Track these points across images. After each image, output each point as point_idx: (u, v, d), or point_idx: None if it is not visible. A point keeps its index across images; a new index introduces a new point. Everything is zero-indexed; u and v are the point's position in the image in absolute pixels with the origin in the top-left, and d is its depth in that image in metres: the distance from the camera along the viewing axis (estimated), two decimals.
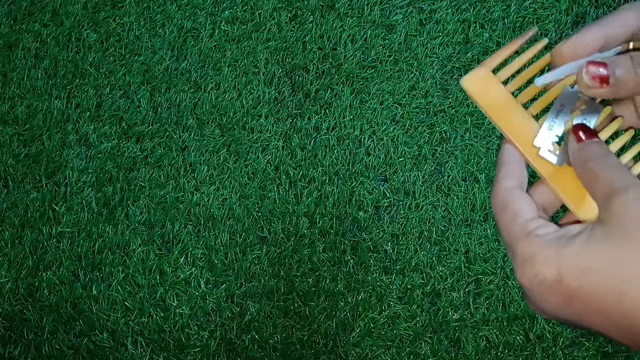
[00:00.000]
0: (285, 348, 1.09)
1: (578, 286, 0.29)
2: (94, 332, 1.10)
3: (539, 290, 0.30)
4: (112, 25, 1.32)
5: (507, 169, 0.35)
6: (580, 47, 0.33)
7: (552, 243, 0.30)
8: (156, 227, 1.16)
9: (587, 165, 0.32)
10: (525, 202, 0.33)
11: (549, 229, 0.32)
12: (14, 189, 1.19)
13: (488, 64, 0.37)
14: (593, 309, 0.29)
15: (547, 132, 0.36)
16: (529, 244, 0.31)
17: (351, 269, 1.13)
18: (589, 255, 0.29)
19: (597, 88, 0.32)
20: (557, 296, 0.30)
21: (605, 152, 0.33)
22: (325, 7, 1.32)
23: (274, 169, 1.20)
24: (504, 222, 0.33)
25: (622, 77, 0.31)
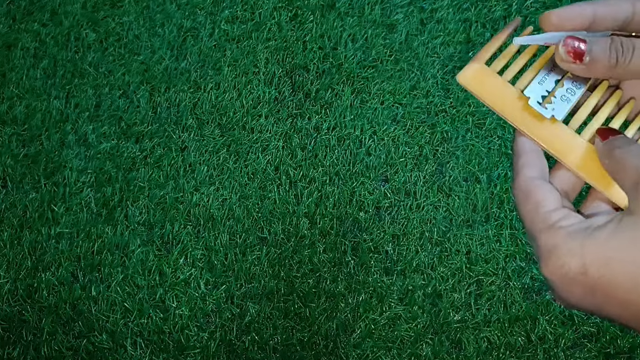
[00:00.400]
0: (285, 349, 1.09)
1: (600, 276, 0.29)
2: (93, 333, 1.09)
3: (562, 281, 0.30)
4: (112, 25, 1.31)
5: (526, 158, 0.35)
6: (568, 19, 0.33)
7: (576, 234, 0.30)
8: (155, 227, 1.16)
9: (614, 154, 0.32)
10: (548, 192, 0.33)
11: (573, 219, 0.31)
12: (12, 189, 1.19)
13: (480, 57, 0.38)
14: (613, 299, 0.29)
15: (537, 85, 0.37)
16: (552, 235, 0.31)
17: (352, 269, 1.13)
18: (613, 245, 0.29)
19: (571, 62, 0.33)
20: (580, 287, 0.30)
21: (631, 141, 0.33)
22: (325, 7, 1.31)
23: (274, 169, 1.19)
24: (527, 211, 0.33)
25: (596, 57, 0.32)
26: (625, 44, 0.32)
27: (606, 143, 0.33)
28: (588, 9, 0.33)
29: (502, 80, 0.37)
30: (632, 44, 0.32)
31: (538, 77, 0.37)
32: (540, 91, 0.36)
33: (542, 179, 0.34)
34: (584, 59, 0.32)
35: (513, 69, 0.37)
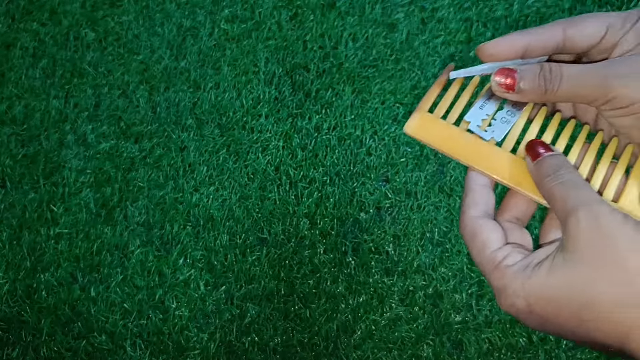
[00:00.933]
0: (285, 350, 1.08)
1: (546, 314, 0.31)
2: (93, 334, 1.09)
3: (517, 316, 0.32)
4: (111, 24, 1.31)
5: (473, 197, 0.36)
6: (501, 50, 0.35)
7: (518, 275, 0.32)
8: (155, 228, 1.15)
9: (543, 185, 0.33)
10: (491, 231, 0.34)
11: (516, 257, 0.33)
12: (11, 189, 1.18)
13: (423, 106, 0.39)
14: (562, 329, 0.31)
15: (478, 110, 0.38)
16: (499, 277, 0.32)
17: (352, 270, 1.12)
18: (550, 285, 0.31)
19: (505, 92, 0.35)
20: (533, 321, 0.32)
21: (558, 166, 0.33)
22: (326, 6, 1.31)
23: (274, 170, 1.19)
24: (475, 253, 0.34)
25: (525, 87, 0.34)
26: (554, 72, 0.34)
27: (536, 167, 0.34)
28: (520, 39, 0.35)
29: (446, 123, 0.38)
30: (560, 72, 0.34)
31: (479, 103, 0.38)
32: (481, 115, 0.38)
33: (485, 217, 0.35)
34: (516, 88, 0.35)
35: (454, 111, 0.39)
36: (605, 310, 0.29)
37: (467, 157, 0.37)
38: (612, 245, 0.29)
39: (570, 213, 0.31)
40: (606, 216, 0.30)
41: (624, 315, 0.29)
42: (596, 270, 0.29)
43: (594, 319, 0.30)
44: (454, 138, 0.38)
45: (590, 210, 0.30)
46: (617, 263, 0.29)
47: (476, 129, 0.37)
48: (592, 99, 0.33)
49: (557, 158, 0.34)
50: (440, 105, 0.39)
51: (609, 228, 0.29)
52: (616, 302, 0.29)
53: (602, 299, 0.29)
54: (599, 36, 0.35)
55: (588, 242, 0.30)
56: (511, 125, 0.37)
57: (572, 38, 0.35)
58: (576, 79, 0.33)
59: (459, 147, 0.37)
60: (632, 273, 0.29)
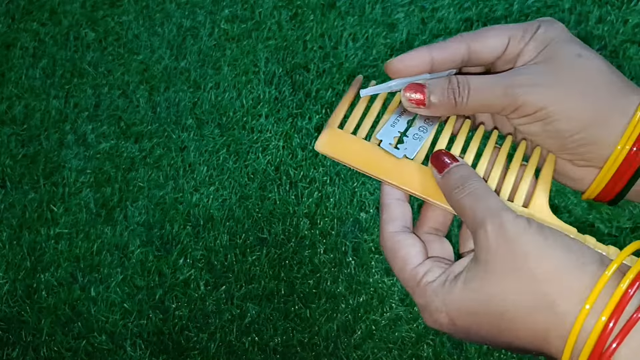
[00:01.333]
0: (285, 350, 1.08)
1: (468, 326, 0.32)
2: (93, 334, 1.09)
3: (442, 330, 0.33)
4: (111, 24, 1.31)
5: (389, 213, 0.36)
6: (408, 65, 0.36)
7: (438, 291, 0.32)
8: (155, 228, 1.15)
9: (452, 198, 0.34)
10: (410, 246, 0.34)
11: (435, 273, 0.33)
12: (11, 189, 1.18)
13: (332, 122, 0.39)
14: (486, 339, 0.32)
15: (390, 128, 0.38)
16: (421, 294, 0.33)
17: (352, 270, 1.12)
18: (467, 299, 0.31)
19: (416, 107, 0.35)
20: (458, 334, 0.33)
21: (465, 177, 0.34)
22: (326, 6, 1.31)
23: (275, 170, 1.19)
24: (397, 270, 0.34)
25: (435, 101, 0.35)
26: (462, 84, 0.34)
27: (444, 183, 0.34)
28: (425, 53, 0.36)
29: (356, 138, 0.38)
30: (467, 84, 0.34)
31: (390, 120, 0.38)
32: (393, 133, 0.37)
33: (404, 232, 0.35)
34: (426, 103, 0.35)
35: (365, 126, 0.38)
36: (520, 318, 0.30)
37: (378, 172, 0.37)
38: (518, 252, 0.30)
39: (479, 225, 0.31)
40: (510, 224, 0.30)
41: (538, 321, 0.29)
42: (506, 280, 0.30)
43: (511, 327, 0.30)
44: (365, 153, 0.37)
45: (496, 220, 0.31)
46: (524, 270, 0.29)
47: (388, 147, 0.37)
48: (500, 109, 0.34)
49: (464, 169, 0.34)
50: (349, 120, 0.39)
51: (514, 235, 0.30)
52: (529, 309, 0.30)
53: (515, 307, 0.30)
54: (502, 48, 0.35)
55: (496, 252, 0.30)
56: (423, 142, 0.37)
57: (476, 51, 0.36)
58: (483, 90, 0.34)
59: (370, 162, 0.37)
60: (540, 278, 0.29)
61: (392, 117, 0.38)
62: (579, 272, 0.29)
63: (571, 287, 0.29)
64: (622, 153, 0.33)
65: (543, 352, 0.30)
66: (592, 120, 0.33)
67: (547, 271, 0.29)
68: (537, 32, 0.35)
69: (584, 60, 0.34)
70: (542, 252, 0.29)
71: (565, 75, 0.34)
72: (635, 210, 1.13)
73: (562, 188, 1.14)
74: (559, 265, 0.29)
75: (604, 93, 0.34)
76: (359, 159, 0.37)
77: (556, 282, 0.29)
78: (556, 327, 0.29)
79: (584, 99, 0.33)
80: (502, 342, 0.32)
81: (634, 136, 0.33)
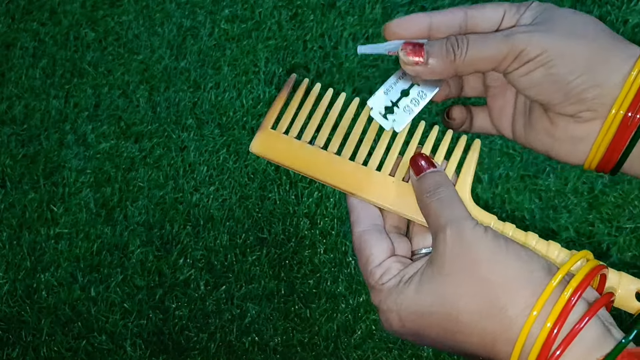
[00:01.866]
0: (285, 350, 1.08)
1: (418, 327, 0.32)
2: (93, 334, 1.09)
3: (392, 331, 0.33)
4: (111, 24, 1.31)
5: (356, 214, 0.36)
6: (406, 27, 0.36)
7: (391, 291, 0.33)
8: (155, 228, 1.15)
9: (422, 200, 0.34)
10: (374, 246, 0.35)
11: (393, 272, 0.33)
12: (11, 189, 1.18)
13: (266, 124, 0.39)
14: (436, 342, 0.32)
15: (383, 95, 0.37)
16: (376, 294, 0.33)
17: (352, 270, 1.12)
18: (419, 300, 0.32)
19: (413, 65, 0.35)
20: (408, 336, 0.33)
21: (439, 183, 0.34)
22: (326, 6, 1.31)
23: (274, 169, 1.19)
24: (361, 267, 0.35)
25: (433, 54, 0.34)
26: (460, 39, 0.34)
27: (418, 185, 0.35)
28: (424, 17, 0.36)
29: (289, 138, 0.38)
30: (466, 38, 0.34)
31: (384, 87, 0.37)
32: (385, 102, 0.37)
33: (372, 230, 0.36)
34: (424, 57, 0.34)
35: (296, 125, 0.38)
36: (470, 322, 0.30)
37: (311, 171, 0.37)
38: (472, 258, 0.30)
39: (440, 229, 0.32)
40: (469, 230, 0.31)
41: (487, 325, 0.30)
42: (459, 284, 0.30)
43: (462, 330, 0.31)
44: (298, 153, 0.37)
45: (456, 226, 0.31)
46: (477, 275, 0.30)
47: (377, 115, 0.37)
48: (501, 58, 0.34)
49: (439, 175, 0.35)
50: (282, 120, 0.39)
51: (470, 242, 0.31)
52: (479, 314, 0.30)
53: (466, 311, 0.30)
54: (498, 18, 0.36)
55: (452, 257, 0.31)
56: (414, 115, 0.37)
57: (473, 18, 0.36)
58: (482, 41, 0.34)
59: (302, 161, 0.37)
60: (492, 285, 0.30)
61: (387, 83, 0.38)
62: (527, 280, 0.30)
63: (519, 294, 0.30)
64: (618, 116, 0.33)
65: (491, 356, 0.31)
66: (594, 59, 0.33)
67: (497, 277, 0.30)
68: (531, 5, 0.36)
69: (580, 15, 0.35)
70: (495, 259, 0.30)
71: (563, 24, 0.34)
72: (635, 211, 1.13)
73: (561, 188, 1.14)
74: (509, 273, 0.30)
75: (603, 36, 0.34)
76: (292, 159, 0.37)
77: (506, 288, 0.30)
78: (504, 331, 0.30)
79: (583, 40, 0.33)
80: (452, 346, 0.32)
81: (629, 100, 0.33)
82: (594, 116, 0.34)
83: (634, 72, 0.33)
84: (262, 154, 0.38)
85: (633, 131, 0.34)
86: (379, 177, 0.37)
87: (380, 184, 0.36)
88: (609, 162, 0.35)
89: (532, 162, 1.17)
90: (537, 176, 1.16)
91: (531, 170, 1.17)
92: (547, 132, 0.37)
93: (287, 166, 0.37)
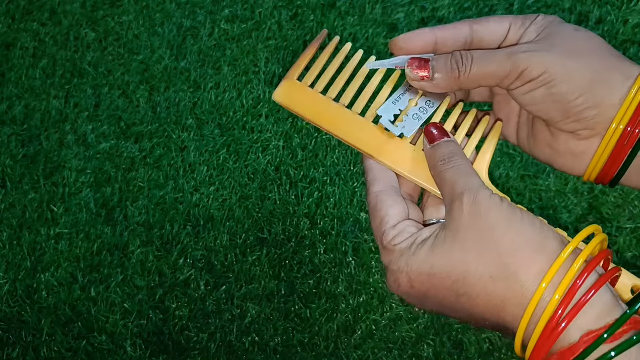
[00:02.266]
0: (285, 350, 1.08)
1: (426, 289, 0.33)
2: (93, 334, 1.09)
3: (399, 293, 0.34)
4: (111, 24, 1.31)
5: (373, 175, 0.37)
6: (412, 42, 0.37)
7: (403, 252, 0.33)
8: (155, 228, 1.15)
9: (436, 168, 0.35)
10: (390, 207, 0.35)
11: (405, 235, 0.34)
12: (11, 189, 1.18)
13: (292, 74, 0.39)
14: (442, 306, 0.33)
15: (391, 104, 0.38)
16: (387, 254, 0.34)
17: (352, 270, 1.12)
18: (430, 261, 0.32)
19: (419, 80, 0.36)
20: (414, 298, 0.34)
21: (453, 152, 0.35)
22: (326, 6, 1.31)
23: (275, 169, 1.19)
24: (374, 229, 0.36)
25: (438, 69, 0.36)
26: (464, 55, 0.35)
27: (432, 151, 0.36)
28: (429, 32, 0.37)
29: (314, 91, 0.38)
30: (470, 55, 0.35)
31: (393, 97, 0.38)
32: (393, 110, 0.38)
33: (389, 191, 0.36)
34: (429, 73, 0.36)
35: (324, 78, 0.39)
36: (481, 285, 0.31)
37: (330, 126, 0.37)
38: (487, 225, 0.31)
39: (456, 197, 0.33)
40: (486, 199, 0.32)
41: (497, 288, 0.31)
42: (473, 248, 0.31)
43: (470, 293, 0.31)
44: (321, 107, 0.38)
45: (473, 194, 0.32)
46: (491, 241, 0.31)
47: (387, 123, 0.37)
48: (503, 75, 0.35)
49: (453, 145, 0.36)
50: (309, 73, 0.39)
51: (486, 209, 0.32)
52: (490, 276, 0.31)
53: (477, 273, 0.31)
54: (503, 32, 0.37)
55: (467, 223, 0.32)
56: (422, 122, 0.38)
57: (479, 32, 0.37)
58: (485, 58, 0.35)
59: (324, 116, 0.37)
60: (504, 249, 0.31)
61: (395, 94, 0.38)
62: (541, 247, 0.31)
63: (533, 260, 0.30)
64: (618, 131, 0.34)
65: (498, 322, 0.32)
66: (594, 80, 0.34)
67: (511, 244, 0.31)
68: (536, 19, 0.37)
69: (582, 32, 0.35)
70: (509, 226, 0.31)
71: (565, 42, 0.35)
72: (635, 211, 1.13)
73: (561, 187, 1.14)
74: (522, 240, 0.31)
75: (604, 55, 0.35)
76: (315, 112, 0.38)
77: (519, 255, 0.31)
78: (514, 296, 0.30)
79: (585, 61, 0.34)
80: (458, 308, 0.33)
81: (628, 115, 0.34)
82: (593, 134, 0.35)
83: (634, 90, 0.34)
84: (284, 104, 0.38)
85: (632, 145, 0.35)
86: (400, 143, 0.37)
87: (400, 150, 0.37)
88: (607, 175, 0.37)
89: (532, 162, 1.17)
90: (537, 176, 1.16)
91: (531, 170, 1.17)
92: (549, 144, 0.38)
93: (308, 119, 0.38)
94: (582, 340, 0.29)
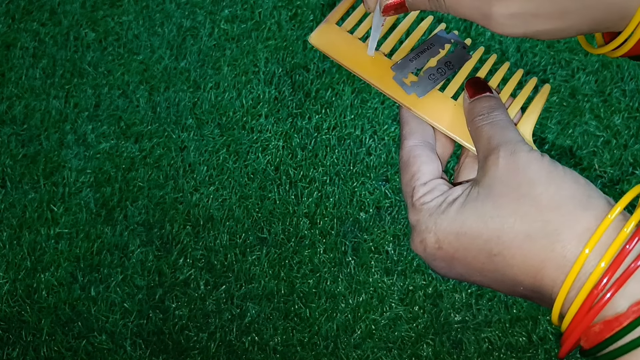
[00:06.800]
0: (285, 350, 1.08)
1: (454, 250, 0.30)
2: (93, 334, 1.09)
3: (424, 255, 0.31)
4: (111, 24, 1.31)
5: (409, 128, 0.35)
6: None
7: (432, 211, 0.31)
8: (155, 228, 1.15)
9: (474, 123, 0.33)
10: (425, 163, 0.33)
11: (436, 193, 0.32)
12: (11, 189, 1.18)
13: (331, 18, 0.38)
14: (471, 269, 0.30)
15: (407, 62, 0.37)
16: (415, 212, 0.32)
17: (352, 270, 1.12)
18: (461, 219, 0.30)
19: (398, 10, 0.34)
20: (440, 260, 0.31)
21: (493, 107, 0.33)
22: (325, 6, 1.31)
23: (274, 169, 1.19)
24: (404, 183, 0.33)
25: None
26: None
27: (470, 108, 0.34)
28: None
29: (352, 37, 0.37)
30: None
31: (409, 55, 0.37)
32: (409, 68, 0.37)
33: (424, 147, 0.34)
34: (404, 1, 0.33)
35: (363, 27, 0.38)
36: (517, 243, 0.28)
37: (370, 76, 0.36)
38: (526, 178, 0.29)
39: (492, 151, 0.30)
40: (524, 153, 0.30)
41: (536, 247, 0.28)
42: (508, 204, 0.29)
43: (504, 253, 0.29)
44: (359, 54, 0.37)
45: (511, 147, 0.30)
46: (529, 196, 0.28)
47: (400, 81, 0.36)
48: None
49: (494, 100, 0.34)
50: (349, 19, 0.38)
51: (524, 163, 0.29)
52: (528, 234, 0.28)
53: (513, 230, 0.28)
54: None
55: (503, 177, 0.29)
56: (437, 84, 0.36)
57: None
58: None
59: (362, 64, 0.36)
60: (544, 205, 0.28)
61: (413, 52, 0.37)
62: (586, 204, 0.28)
63: (576, 219, 0.28)
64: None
65: (534, 287, 0.29)
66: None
67: (552, 199, 0.28)
68: None
69: None
70: (551, 181, 0.28)
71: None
72: None
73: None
74: (566, 195, 0.28)
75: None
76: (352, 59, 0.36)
77: (561, 211, 0.28)
78: (555, 257, 0.28)
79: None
80: (489, 271, 0.30)
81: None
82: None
83: None
84: (320, 47, 0.37)
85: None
86: (440, 96, 0.35)
87: (440, 104, 0.35)
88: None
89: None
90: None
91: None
92: None
93: (345, 65, 0.36)
94: (632, 310, 0.26)
